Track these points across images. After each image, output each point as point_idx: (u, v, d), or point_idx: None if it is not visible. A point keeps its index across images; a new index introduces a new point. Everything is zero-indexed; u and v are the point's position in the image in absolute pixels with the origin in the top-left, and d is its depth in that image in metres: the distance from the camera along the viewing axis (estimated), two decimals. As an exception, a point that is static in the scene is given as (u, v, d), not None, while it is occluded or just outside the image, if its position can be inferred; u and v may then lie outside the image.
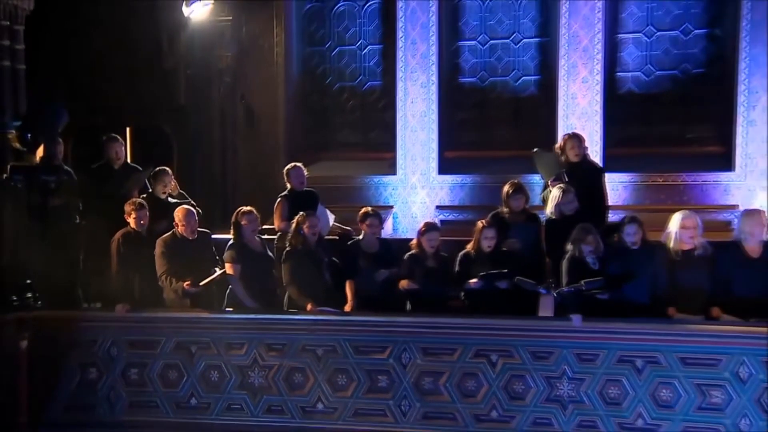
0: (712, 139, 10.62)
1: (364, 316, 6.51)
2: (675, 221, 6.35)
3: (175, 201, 7.48)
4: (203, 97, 11.15)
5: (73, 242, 7.09)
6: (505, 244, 6.81)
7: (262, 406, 6.28)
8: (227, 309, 6.76)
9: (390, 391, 6.13)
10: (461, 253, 6.71)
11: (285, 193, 7.79)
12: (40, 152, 6.95)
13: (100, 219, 7.08)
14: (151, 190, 7.50)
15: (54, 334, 6.55)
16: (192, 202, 7.53)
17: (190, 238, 6.78)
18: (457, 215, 10.80)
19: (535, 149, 7.78)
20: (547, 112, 10.81)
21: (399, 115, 11.10)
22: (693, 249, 6.25)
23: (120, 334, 6.50)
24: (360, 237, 6.97)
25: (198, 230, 6.88)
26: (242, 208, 6.89)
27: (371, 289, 6.71)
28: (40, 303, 6.74)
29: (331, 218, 7.93)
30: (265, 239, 7.20)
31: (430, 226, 6.86)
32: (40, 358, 6.51)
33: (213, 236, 7.16)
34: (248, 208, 6.87)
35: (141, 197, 7.25)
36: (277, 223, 7.55)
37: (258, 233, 7.00)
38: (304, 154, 11.24)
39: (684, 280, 6.22)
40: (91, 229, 7.12)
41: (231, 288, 6.76)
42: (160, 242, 6.71)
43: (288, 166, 7.95)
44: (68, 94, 8.83)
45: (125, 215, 6.80)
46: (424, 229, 6.81)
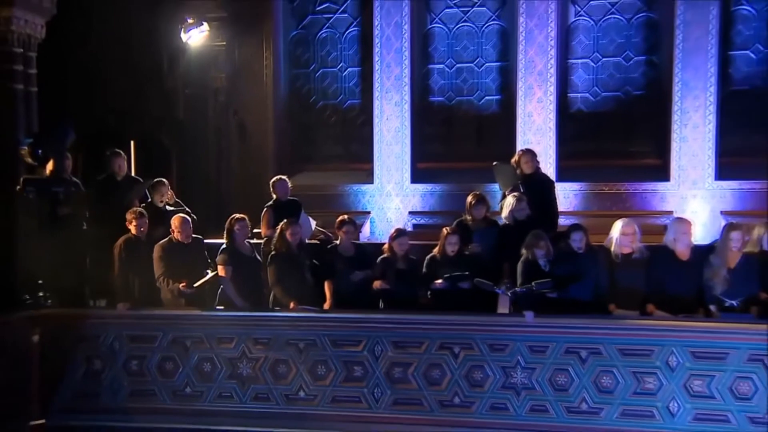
0: (651, 153, 10.72)
1: (341, 313, 6.50)
2: (616, 228, 6.37)
3: (171, 209, 7.40)
4: (200, 113, 11.10)
5: (80, 247, 6.98)
6: (468, 248, 6.78)
7: (250, 394, 6.24)
8: (219, 307, 6.74)
9: (364, 380, 6.11)
10: (428, 257, 6.69)
11: (270, 203, 7.75)
12: (50, 166, 6.86)
13: (104, 226, 7.00)
14: (151, 199, 7.43)
15: (62, 329, 6.49)
16: (187, 210, 7.47)
17: (185, 243, 6.71)
18: (428, 220, 10.83)
19: (494, 162, 7.77)
20: (507, 128, 10.84)
21: (376, 130, 11.11)
22: (631, 253, 6.28)
23: (122, 330, 6.44)
24: (337, 242, 6.94)
25: (192, 236, 6.81)
26: (235, 215, 6.83)
27: (347, 289, 6.68)
28: (50, 301, 6.68)
29: (312, 224, 7.91)
30: (254, 243, 7.16)
31: (400, 232, 6.84)
32: (50, 351, 6.45)
33: (208, 240, 7.11)
34: (240, 215, 6.82)
35: (141, 206, 7.19)
36: (264, 229, 7.50)
37: (248, 238, 6.96)
38: (291, 165, 11.33)
39: (623, 280, 6.25)
40: (96, 235, 7.00)
41: (222, 288, 6.72)
42: (157, 247, 6.65)
43: (273, 179, 7.91)
44: (78, 113, 8.74)
45: (127, 223, 6.75)
46: (395, 234, 6.79)
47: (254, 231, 7.62)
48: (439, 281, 6.48)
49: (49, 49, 7.81)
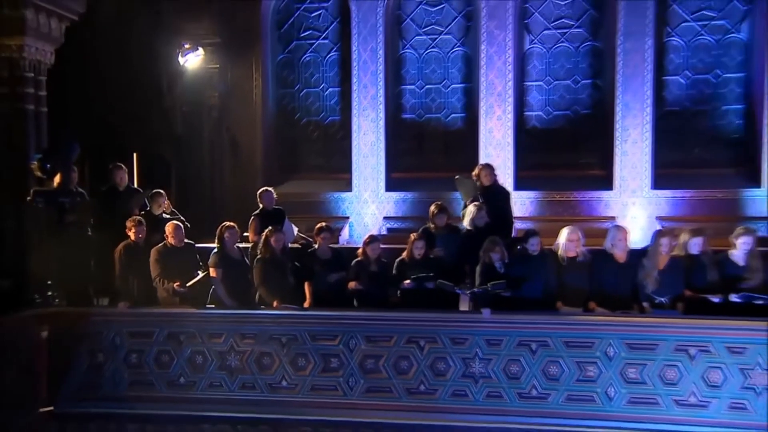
0: (596, 165, 10.78)
1: (320, 311, 6.46)
2: (563, 234, 6.38)
3: (167, 217, 7.32)
4: (196, 129, 11.01)
5: (85, 251, 6.88)
6: (432, 252, 6.78)
7: (238, 383, 6.21)
8: (210, 306, 6.69)
9: (340, 370, 6.09)
10: (397, 260, 6.68)
11: (257, 211, 7.69)
12: (58, 179, 6.78)
13: (107, 232, 6.96)
14: (149, 208, 7.37)
15: (69, 326, 6.41)
16: (182, 218, 7.40)
17: (179, 247, 6.68)
18: (400, 224, 10.80)
19: (456, 176, 7.75)
20: (471, 142, 10.86)
21: (354, 144, 11.09)
22: (576, 256, 6.29)
23: (122, 326, 6.39)
24: (316, 246, 6.90)
25: (185, 241, 6.78)
26: (226, 223, 6.78)
27: (325, 289, 6.64)
28: (58, 300, 6.59)
29: (294, 230, 7.86)
30: (242, 248, 7.09)
31: (373, 238, 6.82)
32: (57, 345, 6.39)
33: (202, 245, 7.03)
34: (230, 223, 6.77)
35: (141, 214, 7.15)
36: (251, 236, 7.42)
37: (237, 243, 6.89)
38: (278, 175, 11.34)
39: (569, 280, 6.26)
40: (99, 240, 6.93)
41: (213, 288, 6.68)
42: (154, 251, 6.61)
43: (260, 190, 7.86)
44: (85, 129, 8.67)
45: (127, 230, 6.70)
46: (368, 240, 6.77)
47: (244, 234, 7.54)
48: (407, 282, 6.47)
49: (58, 72, 7.76)
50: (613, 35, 10.39)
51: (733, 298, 5.92)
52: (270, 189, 7.91)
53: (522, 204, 10.46)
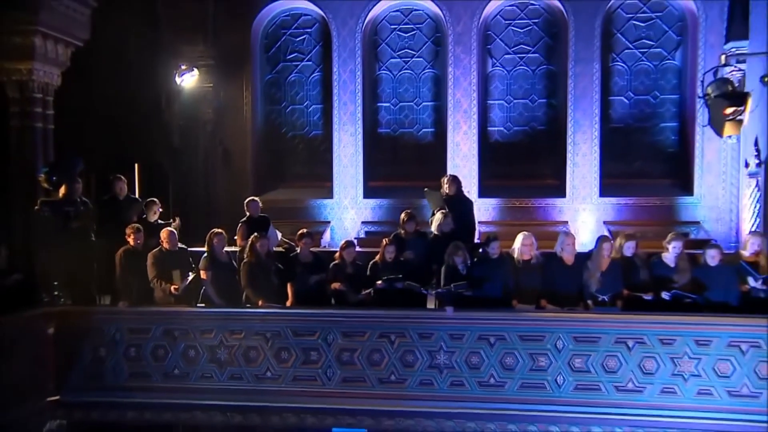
0: (550, 175, 10.87)
1: (301, 309, 6.47)
2: (518, 240, 6.44)
3: (162, 223, 7.25)
4: (192, 141, 10.92)
5: (89, 255, 6.84)
6: (403, 255, 6.79)
7: (227, 374, 6.20)
8: (201, 304, 6.66)
9: (319, 362, 6.10)
10: (371, 262, 6.67)
11: (244, 219, 7.63)
12: (63, 190, 6.74)
13: (108, 237, 6.90)
14: (146, 215, 7.30)
15: (74, 323, 6.38)
16: (168, 224, 7.28)
17: (173, 251, 6.65)
18: (377, 228, 10.77)
19: (425, 188, 7.75)
20: (440, 154, 10.91)
21: (335, 156, 11.09)
22: (530, 259, 6.35)
23: (122, 323, 6.36)
24: (298, 250, 6.88)
25: (179, 245, 6.75)
26: (214, 230, 6.75)
27: (306, 289, 6.63)
28: (64, 300, 6.54)
29: (278, 235, 7.80)
30: (231, 252, 7.08)
31: (348, 243, 6.81)
32: (63, 341, 6.36)
33: (195, 249, 6.97)
34: (219, 230, 6.75)
35: (138, 220, 7.09)
36: (239, 241, 7.37)
37: (225, 248, 6.86)
38: (266, 183, 11.32)
39: (523, 281, 6.32)
40: (102, 245, 6.90)
41: (204, 289, 6.66)
42: (150, 255, 6.58)
43: (247, 200, 7.79)
44: (90, 143, 8.61)
45: (126, 236, 6.67)
46: (344, 245, 6.76)
47: (234, 238, 7.50)
48: (380, 282, 6.44)
49: (64, 93, 7.70)
50: (565, 60, 10.53)
51: (664, 295, 6.04)
52: (256, 199, 7.86)
53: (486, 210, 10.56)
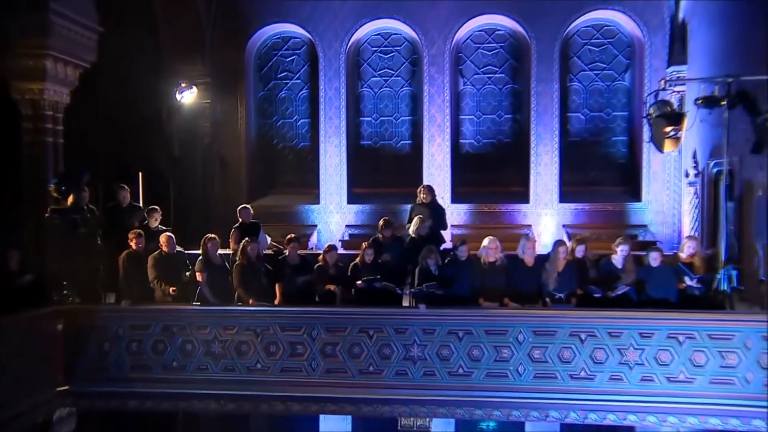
0: (516, 183, 10.91)
1: (288, 307, 6.47)
2: (484, 243, 6.49)
3: (162, 228, 7.24)
4: (191, 152, 10.84)
5: (95, 258, 6.80)
6: (381, 258, 6.84)
7: (221, 366, 6.20)
8: (197, 303, 6.66)
9: (304, 355, 6.11)
10: (351, 264, 6.70)
11: (237, 224, 7.64)
12: (71, 199, 6.69)
13: (113, 242, 6.90)
14: (147, 222, 7.27)
15: (80, 320, 6.35)
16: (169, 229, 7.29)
17: (171, 254, 6.65)
18: (360, 231, 10.77)
19: (411, 205, 7.68)
20: (416, 164, 10.93)
21: (321, 165, 11.07)
22: (495, 261, 6.42)
23: (124, 320, 6.34)
24: (287, 253, 6.89)
25: (177, 249, 6.75)
26: (208, 235, 6.74)
27: (293, 289, 6.66)
28: (72, 299, 6.50)
29: (268, 239, 7.79)
30: (224, 255, 7.05)
31: (331, 247, 6.84)
32: (71, 336, 6.32)
33: (192, 251, 6.97)
34: (212, 235, 6.74)
35: (140, 226, 7.06)
36: (232, 245, 7.33)
37: (218, 251, 6.83)
38: (259, 190, 11.29)
39: (489, 281, 6.39)
40: (107, 249, 6.87)
41: (200, 289, 6.65)
42: (150, 258, 6.58)
43: (239, 207, 7.78)
44: (97, 154, 8.56)
45: (128, 241, 6.66)
46: (327, 249, 6.79)
47: (229, 241, 7.47)
48: (359, 282, 6.51)
49: (73, 109, 7.64)
50: (528, 80, 10.61)
51: (611, 294, 6.16)
52: (248, 206, 7.85)
53: (458, 214, 10.61)
